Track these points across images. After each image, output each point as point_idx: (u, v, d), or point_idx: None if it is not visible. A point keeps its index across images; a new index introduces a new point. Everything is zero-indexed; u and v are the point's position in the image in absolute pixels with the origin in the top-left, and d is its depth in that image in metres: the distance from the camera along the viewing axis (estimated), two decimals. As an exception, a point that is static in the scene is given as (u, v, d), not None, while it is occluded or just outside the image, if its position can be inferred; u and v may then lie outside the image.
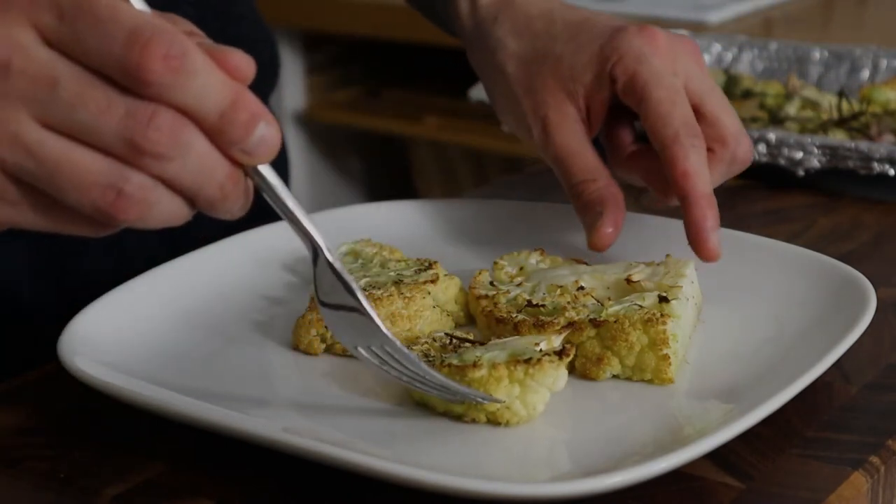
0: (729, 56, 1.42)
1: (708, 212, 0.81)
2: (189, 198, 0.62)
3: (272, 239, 0.94)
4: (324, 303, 0.68)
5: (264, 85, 1.17)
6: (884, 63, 1.36)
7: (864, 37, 2.00)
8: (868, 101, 1.23)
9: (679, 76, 0.86)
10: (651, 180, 0.89)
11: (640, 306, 0.76)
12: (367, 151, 3.29)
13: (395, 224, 0.97)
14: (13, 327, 1.01)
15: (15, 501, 0.70)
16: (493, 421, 0.70)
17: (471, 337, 0.77)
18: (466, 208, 0.99)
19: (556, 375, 0.70)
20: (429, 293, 0.81)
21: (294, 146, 3.00)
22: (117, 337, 0.79)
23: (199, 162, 0.61)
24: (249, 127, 0.61)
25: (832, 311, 0.79)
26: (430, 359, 0.73)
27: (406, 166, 3.14)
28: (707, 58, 1.42)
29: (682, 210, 0.83)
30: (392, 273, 0.84)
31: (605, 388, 0.74)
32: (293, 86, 3.00)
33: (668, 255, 0.83)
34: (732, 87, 1.31)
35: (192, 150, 0.60)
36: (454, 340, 0.76)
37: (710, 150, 0.86)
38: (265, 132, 0.62)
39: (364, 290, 0.80)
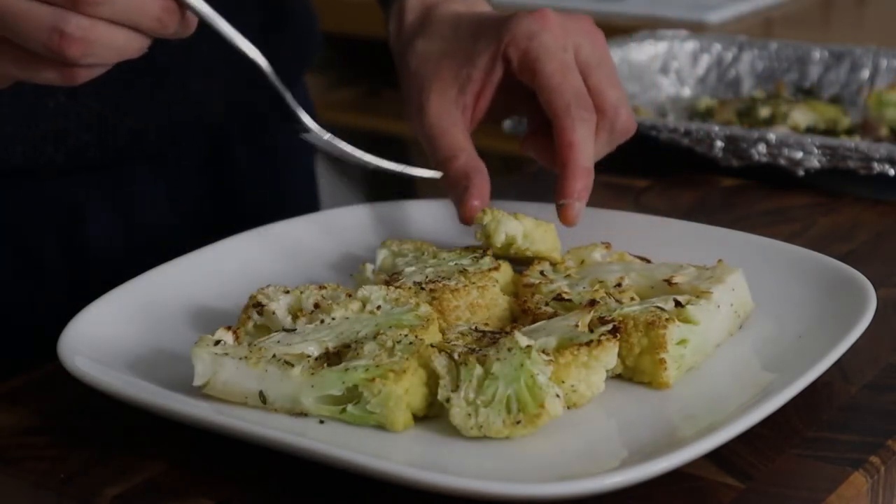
0: (729, 56, 1.42)
1: (580, 182, 0.85)
2: (133, 30, 0.71)
3: (269, 240, 0.94)
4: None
5: (300, 58, 1.18)
6: (884, 63, 1.36)
7: (864, 37, 2.00)
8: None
9: (569, 51, 0.89)
10: (541, 155, 0.92)
11: (662, 308, 0.75)
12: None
13: (395, 224, 0.97)
14: (12, 327, 1.01)
15: (15, 501, 0.70)
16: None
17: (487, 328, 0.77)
18: (466, 208, 0.99)
19: (613, 354, 0.71)
20: (497, 281, 0.81)
21: (294, 146, 2.99)
22: (117, 337, 0.79)
23: (128, 3, 0.70)
24: None
25: (832, 311, 0.79)
26: (478, 352, 0.72)
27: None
28: (707, 58, 1.42)
29: (558, 177, 0.85)
30: (451, 263, 0.83)
31: (605, 388, 0.74)
32: (293, 86, 2.99)
33: (719, 261, 0.82)
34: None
35: None
36: (487, 334, 0.75)
37: None
38: None
39: (434, 281, 0.80)
